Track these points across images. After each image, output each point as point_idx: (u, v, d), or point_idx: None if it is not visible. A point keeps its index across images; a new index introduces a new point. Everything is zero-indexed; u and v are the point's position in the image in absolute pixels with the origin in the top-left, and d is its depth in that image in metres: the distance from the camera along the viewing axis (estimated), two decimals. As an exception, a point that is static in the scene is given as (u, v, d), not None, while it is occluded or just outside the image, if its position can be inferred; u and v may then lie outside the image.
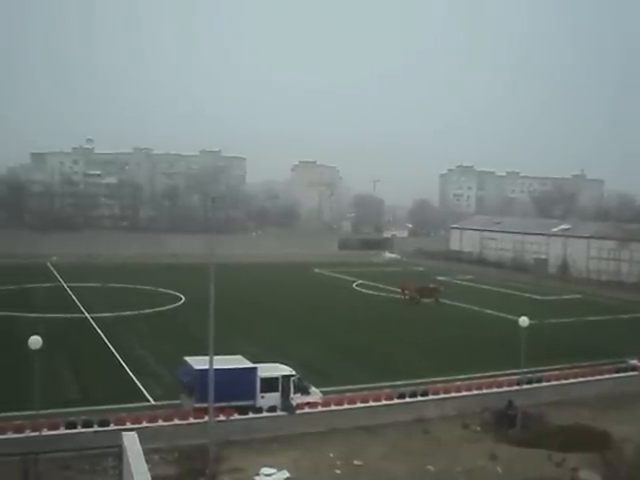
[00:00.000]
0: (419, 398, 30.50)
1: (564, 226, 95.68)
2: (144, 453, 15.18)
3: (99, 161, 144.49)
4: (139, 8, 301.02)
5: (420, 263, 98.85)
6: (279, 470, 23.47)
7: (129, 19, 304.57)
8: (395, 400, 30.17)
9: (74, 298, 57.57)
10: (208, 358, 24.54)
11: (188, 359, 28.54)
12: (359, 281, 75.91)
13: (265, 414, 27.69)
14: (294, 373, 28.90)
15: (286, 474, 23.34)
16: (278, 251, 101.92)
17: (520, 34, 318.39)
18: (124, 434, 16.75)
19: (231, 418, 26.79)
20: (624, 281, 79.68)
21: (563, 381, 33.97)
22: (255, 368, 28.40)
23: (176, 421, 26.45)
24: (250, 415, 27.40)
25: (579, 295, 70.48)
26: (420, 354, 41.35)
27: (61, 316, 49.23)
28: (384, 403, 29.85)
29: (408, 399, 30.32)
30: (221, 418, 26.07)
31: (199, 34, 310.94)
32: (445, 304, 61.25)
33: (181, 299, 59.04)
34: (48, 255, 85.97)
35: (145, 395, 31.11)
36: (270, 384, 28.12)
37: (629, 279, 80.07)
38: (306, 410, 28.37)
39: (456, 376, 34.18)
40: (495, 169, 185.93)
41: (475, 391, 31.81)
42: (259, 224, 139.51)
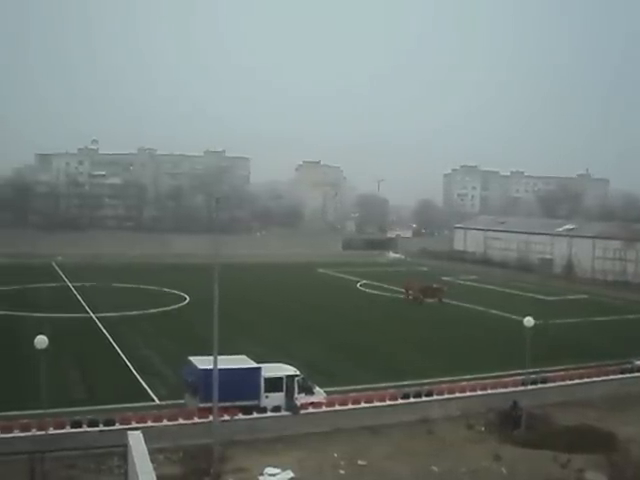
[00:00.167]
0: (423, 398, 30.46)
1: (569, 226, 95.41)
2: (149, 452, 15.24)
3: (104, 162, 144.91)
4: (140, 8, 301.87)
5: (424, 263, 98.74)
6: (283, 470, 23.48)
7: (131, 20, 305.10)
8: (399, 400, 30.14)
9: (79, 298, 57.73)
10: (212, 358, 24.57)
11: (192, 359, 28.56)
12: (363, 281, 75.89)
13: (269, 414, 27.69)
14: (298, 373, 28.90)
15: (290, 474, 23.35)
16: (282, 251, 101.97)
17: (524, 32, 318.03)
18: (129, 433, 16.83)
19: (235, 418, 26.80)
20: (630, 281, 79.39)
21: (568, 382, 33.83)
22: (259, 368, 28.41)
23: (181, 421, 26.50)
24: (254, 415, 27.40)
25: (584, 295, 70.29)
26: (424, 354, 41.32)
27: (66, 316, 49.36)
28: (388, 403, 29.83)
29: (412, 399, 30.29)
30: (225, 418, 26.09)
31: (201, 34, 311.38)
32: (449, 304, 61.18)
33: (185, 299, 59.13)
34: (53, 255, 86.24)
35: (150, 395, 31.17)
36: (274, 384, 28.12)
37: (635, 279, 79.73)
38: (310, 410, 28.36)
39: (461, 376, 34.15)
40: (499, 169, 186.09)
41: (480, 391, 31.74)
42: (263, 224, 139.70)
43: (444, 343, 44.58)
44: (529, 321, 29.08)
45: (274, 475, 23.21)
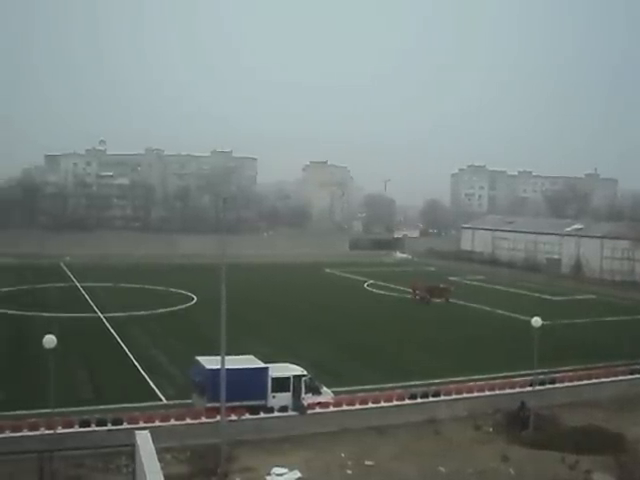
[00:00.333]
0: (431, 399, 30.40)
1: (577, 226, 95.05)
2: (156, 452, 15.28)
3: (111, 162, 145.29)
4: (145, 9, 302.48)
5: (431, 263, 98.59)
6: (290, 470, 23.51)
7: (137, 21, 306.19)
8: (406, 401, 30.10)
9: (87, 298, 57.96)
10: (220, 358, 24.61)
11: (200, 359, 28.63)
12: (370, 281, 75.84)
13: (276, 414, 27.71)
14: (305, 373, 28.91)
15: (297, 474, 23.37)
16: (289, 251, 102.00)
17: (532, 32, 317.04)
18: (137, 433, 16.87)
19: (243, 418, 26.84)
20: (638, 281, 78.99)
21: (576, 382, 33.67)
22: (267, 368, 28.44)
23: (188, 420, 26.56)
24: (261, 415, 27.43)
25: (593, 295, 70.00)
26: (431, 354, 41.23)
27: (74, 316, 49.56)
28: (395, 404, 29.78)
29: (420, 400, 30.24)
30: (233, 418, 26.14)
31: (207, 35, 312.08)
32: (456, 304, 61.06)
33: (193, 299, 59.25)
34: (61, 255, 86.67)
35: (158, 394, 31.26)
36: (281, 384, 28.15)
37: (643, 279, 79.43)
38: (317, 410, 28.36)
39: (468, 377, 34.08)
40: (507, 168, 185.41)
41: (487, 392, 31.65)
42: (270, 224, 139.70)
43: (451, 343, 44.47)
44: (537, 321, 28.98)
45: (281, 475, 23.24)
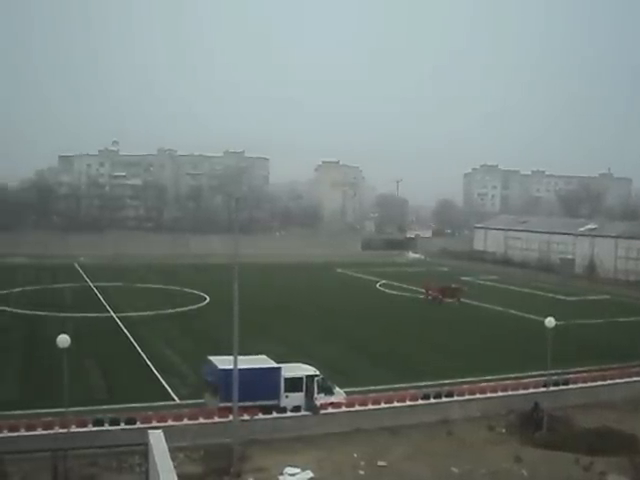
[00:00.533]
0: (443, 399, 30.31)
1: (591, 225, 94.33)
2: (169, 451, 15.33)
3: (124, 163, 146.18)
4: (160, 8, 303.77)
5: (444, 263, 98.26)
6: (303, 470, 23.52)
7: (150, 20, 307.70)
8: (419, 401, 30.03)
9: (100, 298, 58.32)
10: (232, 358, 24.67)
11: (212, 359, 28.70)
12: (382, 281, 75.71)
13: (289, 414, 27.75)
14: (318, 373, 28.91)
15: (310, 474, 23.38)
16: (301, 251, 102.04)
17: (547, 33, 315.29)
18: (150, 432, 16.94)
19: (255, 418, 26.89)
20: (653, 282, 78.33)
21: (590, 383, 33.42)
22: (279, 368, 28.47)
23: (201, 420, 26.65)
24: (274, 415, 27.47)
25: (607, 296, 69.46)
26: (444, 354, 41.08)
27: (88, 315, 49.89)
28: (408, 404, 29.72)
29: (432, 400, 30.15)
30: (245, 417, 26.20)
31: (223, 35, 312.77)
32: (469, 304, 60.82)
33: (205, 299, 59.44)
34: (75, 256, 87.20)
35: (170, 394, 31.39)
36: (294, 384, 28.18)
37: (658, 280, 78.71)
38: (330, 410, 28.35)
39: (481, 377, 33.95)
40: (520, 168, 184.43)
41: (500, 392, 31.51)
42: (282, 224, 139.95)
43: (464, 343, 44.31)
44: (550, 322, 28.81)
45: (294, 475, 23.26)
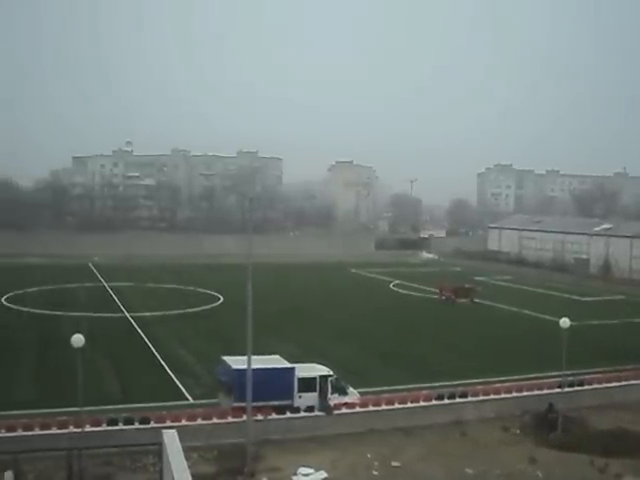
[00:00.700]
0: (457, 400, 30.19)
1: (606, 225, 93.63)
2: (183, 451, 15.37)
3: (138, 163, 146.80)
4: (173, 11, 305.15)
5: (458, 263, 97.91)
6: (317, 470, 23.53)
7: (163, 22, 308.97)
8: (433, 401, 29.94)
9: (115, 298, 58.68)
10: (246, 358, 24.71)
11: (226, 359, 28.77)
12: (396, 281, 75.56)
13: (303, 414, 27.75)
14: (332, 373, 28.90)
15: (324, 474, 23.38)
16: (315, 251, 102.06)
17: (559, 31, 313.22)
18: (164, 432, 16.98)
19: (269, 418, 26.92)
20: (669, 282, 77.63)
21: (605, 384, 33.16)
22: (293, 368, 28.50)
23: (215, 420, 26.71)
24: (288, 415, 27.48)
25: (622, 296, 68.89)
26: (458, 355, 40.92)
27: (102, 315, 50.22)
28: (422, 404, 29.63)
29: (446, 400, 30.05)
30: (259, 417, 26.25)
31: (234, 34, 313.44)
32: (482, 304, 60.56)
33: (219, 299, 59.63)
34: (89, 256, 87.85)
35: (184, 394, 31.52)
36: (308, 384, 28.19)
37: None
38: (344, 410, 28.34)
39: (495, 378, 33.80)
40: (534, 167, 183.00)
41: (515, 393, 31.34)
42: (296, 224, 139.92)
43: (478, 344, 44.13)
44: (565, 322, 28.62)
45: (307, 475, 23.27)
